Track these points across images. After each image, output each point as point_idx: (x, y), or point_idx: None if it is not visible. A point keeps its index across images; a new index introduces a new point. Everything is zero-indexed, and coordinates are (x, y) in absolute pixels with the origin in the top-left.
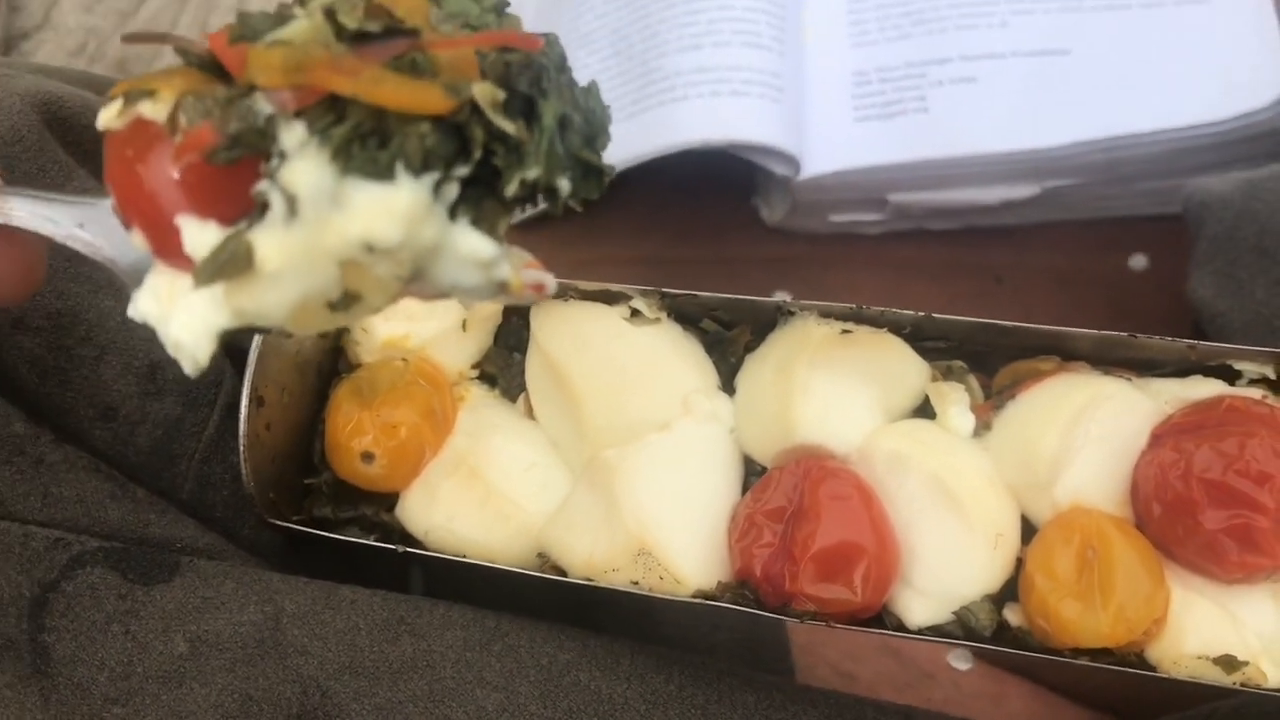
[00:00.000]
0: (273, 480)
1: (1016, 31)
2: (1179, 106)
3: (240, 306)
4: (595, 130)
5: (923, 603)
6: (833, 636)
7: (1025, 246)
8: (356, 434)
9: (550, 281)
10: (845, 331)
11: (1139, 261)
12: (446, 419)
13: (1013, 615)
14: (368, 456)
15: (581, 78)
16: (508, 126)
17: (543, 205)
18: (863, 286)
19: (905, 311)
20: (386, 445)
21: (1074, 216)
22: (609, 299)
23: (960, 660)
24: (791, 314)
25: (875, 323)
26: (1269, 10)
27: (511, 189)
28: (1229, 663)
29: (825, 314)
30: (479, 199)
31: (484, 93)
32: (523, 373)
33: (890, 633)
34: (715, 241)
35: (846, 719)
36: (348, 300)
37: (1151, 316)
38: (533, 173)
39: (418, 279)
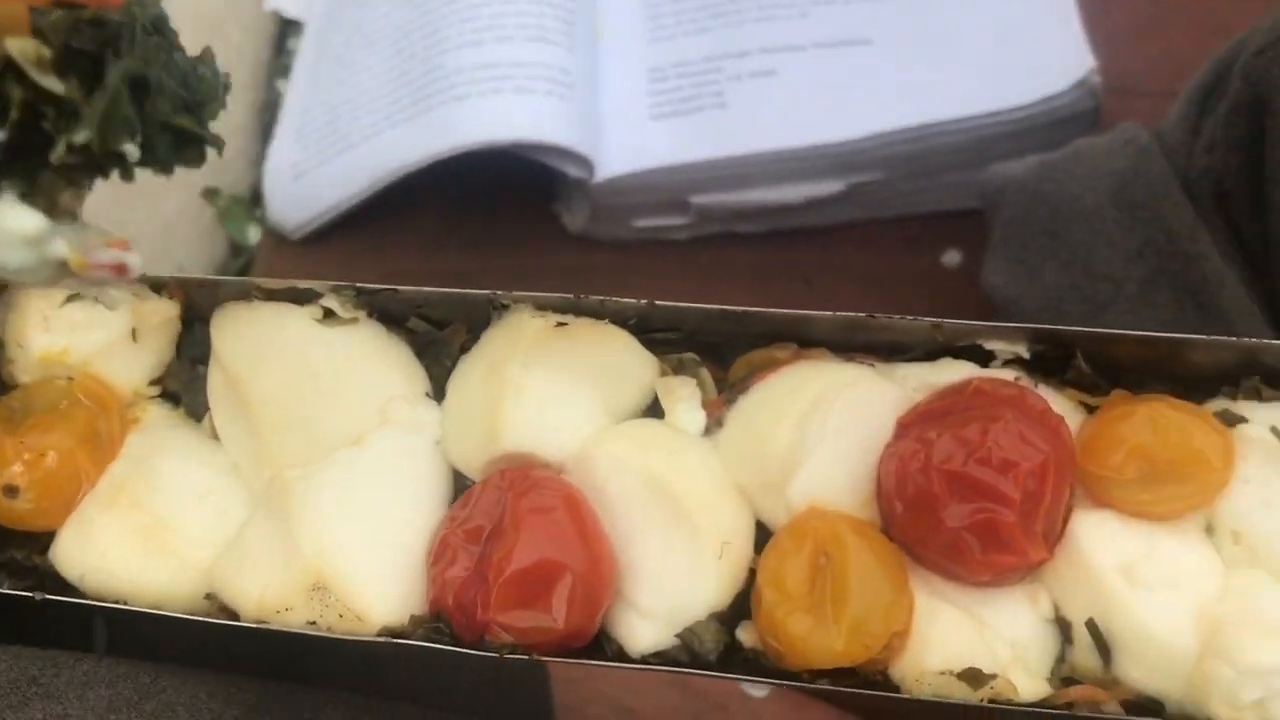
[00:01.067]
0: None
1: (816, 23)
2: (980, 93)
3: None
4: (202, 98)
5: (645, 625)
6: (605, 670)
7: (835, 247)
8: None
9: (134, 262)
10: (561, 324)
11: (952, 258)
12: (113, 444)
13: (746, 635)
14: (10, 490)
15: (362, 80)
16: (50, 84)
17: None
18: (670, 294)
19: (628, 300)
20: (32, 476)
21: (884, 214)
22: (298, 298)
23: (756, 688)
24: (505, 307)
25: (595, 313)
26: None
27: (58, 153)
28: (974, 677)
29: (541, 305)
30: (32, 169)
31: (21, 48)
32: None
33: (599, 663)
34: (515, 252)
35: None
36: None
37: (968, 313)
38: (81, 135)
39: None
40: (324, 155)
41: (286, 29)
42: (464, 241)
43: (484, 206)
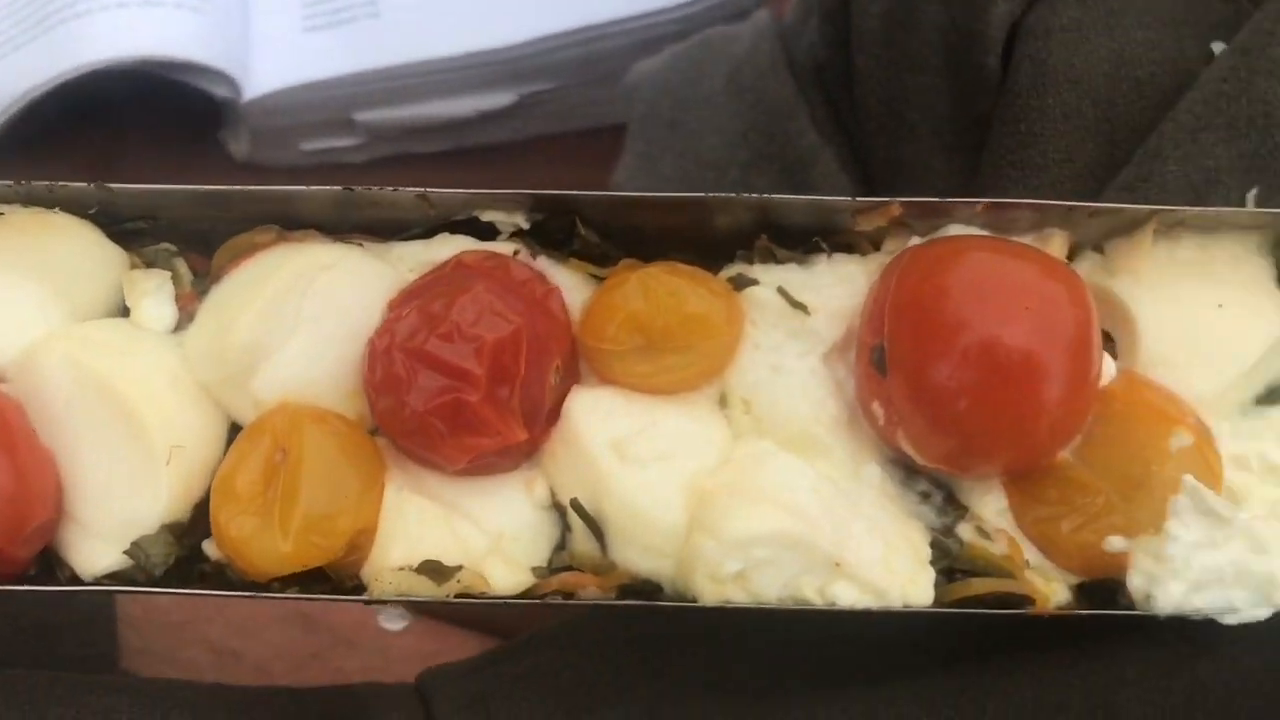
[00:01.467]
0: None
1: None
2: None
3: None
4: None
5: (94, 544)
6: (218, 609)
7: (518, 164)
8: None
9: None
10: None
11: None
12: None
13: (214, 549)
14: None
15: None
16: None
17: None
18: None
19: (82, 185)
20: None
21: (567, 128)
22: None
23: (392, 620)
24: None
25: (44, 202)
26: None
27: None
28: (437, 571)
29: None
30: None
31: None
32: None
33: (31, 590)
34: (181, 180)
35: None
36: None
37: None
38: None
39: None
40: None
41: None
42: (125, 174)
43: (146, 134)
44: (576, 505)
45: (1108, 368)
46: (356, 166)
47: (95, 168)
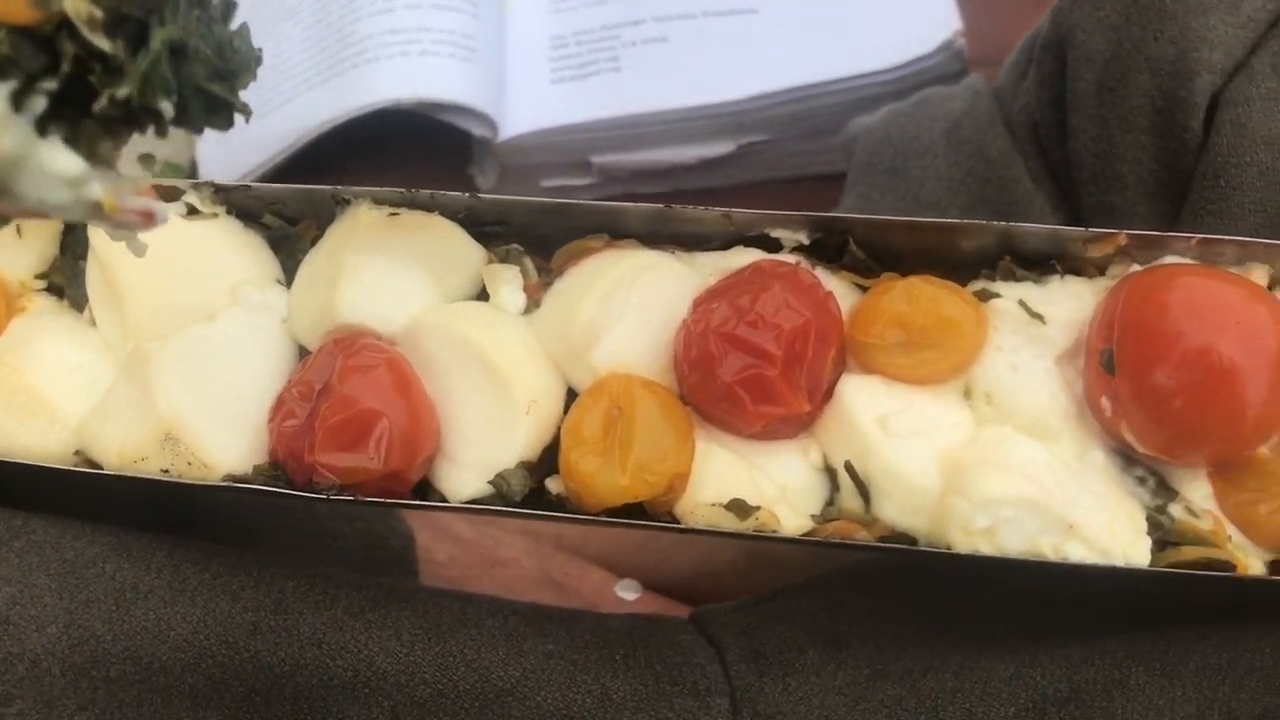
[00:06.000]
0: None
1: None
2: (856, 56)
3: None
4: (235, 68)
5: (462, 475)
6: (486, 571)
7: (731, 206)
8: None
9: (161, 210)
10: (394, 215)
11: None
12: None
13: (554, 485)
14: None
15: (285, 49)
16: (100, 42)
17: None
18: None
19: (456, 194)
20: None
21: (776, 175)
22: (165, 195)
23: (627, 590)
24: (347, 202)
25: (426, 206)
26: None
27: (101, 104)
28: (740, 508)
29: (378, 200)
30: (76, 118)
31: (75, 7)
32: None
33: (420, 504)
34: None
35: (445, 618)
36: None
37: None
38: (124, 90)
39: (2, 194)
40: (251, 120)
41: None
42: None
43: (403, 170)
44: (849, 467)
45: None
46: None
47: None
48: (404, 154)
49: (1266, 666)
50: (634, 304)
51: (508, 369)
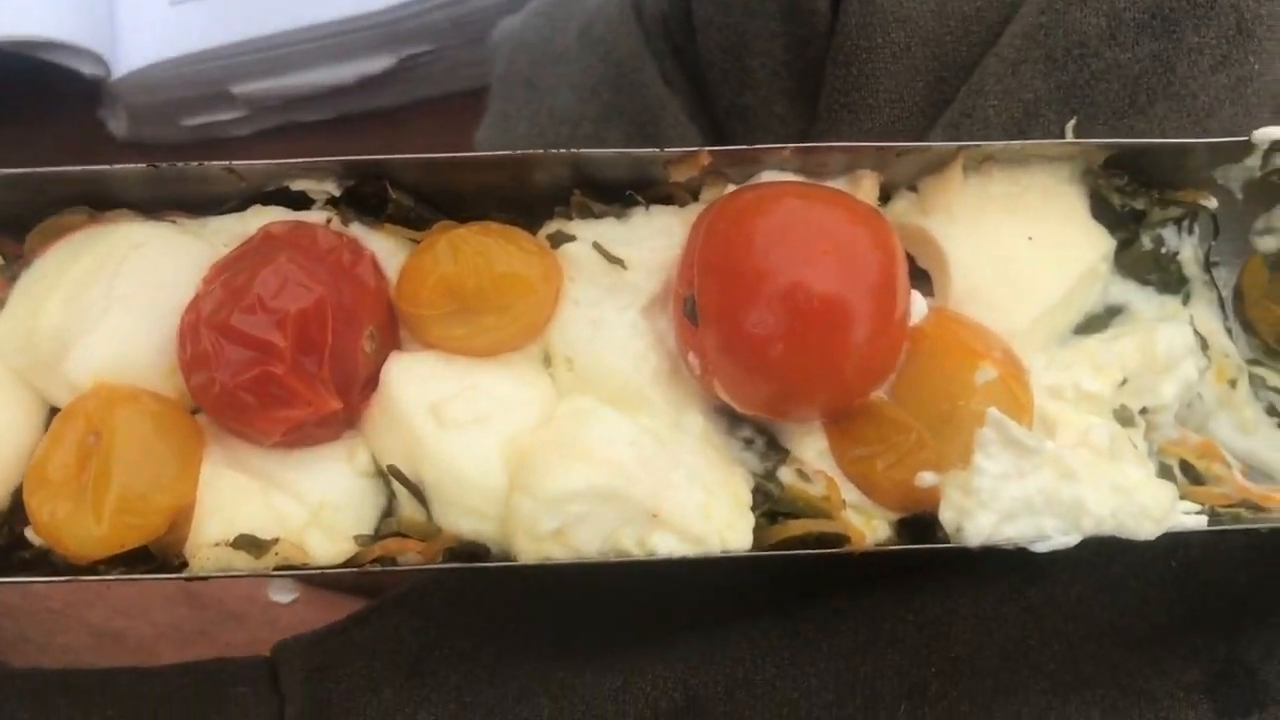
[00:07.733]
0: None
1: None
2: None
3: None
4: None
5: None
6: (99, 594)
7: (407, 128)
8: None
9: None
10: None
11: None
12: None
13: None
14: None
15: None
16: None
17: None
18: None
19: None
20: None
21: (449, 89)
22: None
23: (282, 592)
24: None
25: None
26: None
27: None
28: (253, 544)
29: None
30: None
31: None
32: None
33: None
34: (60, 164)
35: None
36: None
37: None
38: None
39: None
40: None
41: None
42: (9, 150)
43: (18, 123)
44: (394, 471)
45: (918, 306)
46: (242, 139)
47: None
48: (19, 101)
49: (909, 637)
50: (120, 294)
51: None
